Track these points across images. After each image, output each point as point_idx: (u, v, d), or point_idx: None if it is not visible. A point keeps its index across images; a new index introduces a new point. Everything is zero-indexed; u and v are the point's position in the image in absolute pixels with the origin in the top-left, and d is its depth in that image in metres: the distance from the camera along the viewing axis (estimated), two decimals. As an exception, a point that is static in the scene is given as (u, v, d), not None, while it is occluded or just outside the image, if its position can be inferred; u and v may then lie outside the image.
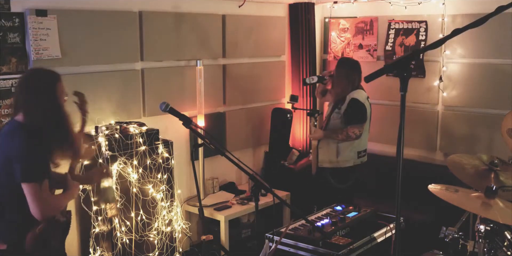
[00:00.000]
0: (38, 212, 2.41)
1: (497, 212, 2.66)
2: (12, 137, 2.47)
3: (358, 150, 4.19)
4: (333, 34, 5.45)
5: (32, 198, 2.40)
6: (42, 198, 2.42)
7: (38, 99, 2.51)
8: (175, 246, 4.05)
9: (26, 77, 2.61)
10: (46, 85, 2.54)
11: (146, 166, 3.76)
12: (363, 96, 4.15)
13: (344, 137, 4.09)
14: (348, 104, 4.10)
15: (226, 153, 2.59)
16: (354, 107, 4.09)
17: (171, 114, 2.62)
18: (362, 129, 4.10)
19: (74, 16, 3.64)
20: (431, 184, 3.01)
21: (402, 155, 1.75)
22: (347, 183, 4.24)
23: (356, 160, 4.21)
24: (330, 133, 4.19)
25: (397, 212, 1.84)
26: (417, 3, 4.73)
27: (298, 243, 3.02)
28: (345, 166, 4.19)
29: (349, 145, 4.15)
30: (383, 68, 1.72)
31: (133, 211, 3.70)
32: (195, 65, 4.37)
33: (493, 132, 4.41)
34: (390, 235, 3.26)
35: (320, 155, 4.27)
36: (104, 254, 3.62)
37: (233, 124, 4.85)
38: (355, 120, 4.08)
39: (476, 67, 4.55)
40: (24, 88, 2.55)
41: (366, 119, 4.15)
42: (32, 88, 2.53)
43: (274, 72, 5.23)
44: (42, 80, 2.56)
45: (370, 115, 4.23)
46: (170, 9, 4.27)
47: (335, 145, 4.18)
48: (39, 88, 2.53)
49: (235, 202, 4.55)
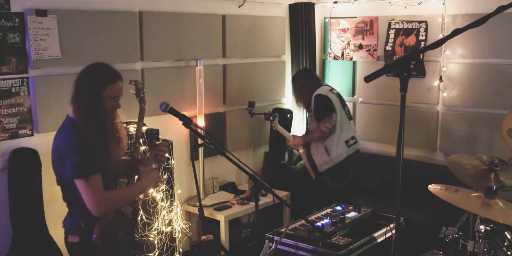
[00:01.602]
0: (91, 208, 2.42)
1: (497, 212, 2.66)
2: (62, 134, 2.50)
3: (344, 140, 4.25)
4: (333, 34, 5.45)
5: (83, 195, 2.41)
6: (94, 194, 2.41)
7: (82, 95, 2.48)
8: (175, 246, 4.05)
9: (84, 70, 2.54)
10: (95, 83, 2.48)
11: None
12: (325, 90, 4.28)
13: (320, 134, 4.18)
14: (314, 103, 4.24)
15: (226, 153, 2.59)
16: (318, 102, 4.22)
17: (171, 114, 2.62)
18: (332, 120, 4.16)
19: (74, 16, 3.64)
20: (431, 184, 3.01)
21: (402, 155, 1.75)
22: (343, 182, 4.27)
23: (348, 149, 4.25)
24: (307, 136, 4.33)
25: (397, 212, 1.84)
26: (417, 3, 4.73)
27: (298, 243, 3.02)
28: (341, 160, 4.23)
29: (333, 139, 4.22)
30: (383, 68, 1.72)
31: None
32: (195, 65, 4.37)
33: (493, 132, 4.40)
34: (390, 235, 3.26)
35: (316, 161, 4.31)
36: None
37: (233, 124, 4.85)
38: (323, 115, 4.20)
39: (476, 67, 4.55)
40: (76, 81, 2.52)
41: (335, 109, 4.20)
42: (81, 83, 2.50)
43: (274, 72, 5.23)
44: (94, 76, 2.50)
45: (341, 103, 4.30)
46: (170, 9, 4.27)
47: (322, 145, 4.25)
48: (88, 83, 2.48)
49: (235, 202, 4.55)
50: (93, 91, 2.48)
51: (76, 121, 2.49)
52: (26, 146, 3.48)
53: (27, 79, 3.47)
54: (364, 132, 5.28)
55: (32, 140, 3.52)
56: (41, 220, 3.50)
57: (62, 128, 2.53)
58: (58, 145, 2.50)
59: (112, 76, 2.52)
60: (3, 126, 3.38)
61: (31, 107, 3.50)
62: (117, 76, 2.53)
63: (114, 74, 2.53)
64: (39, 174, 3.49)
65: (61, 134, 2.51)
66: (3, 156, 3.40)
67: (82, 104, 2.49)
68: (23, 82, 3.45)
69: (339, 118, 4.20)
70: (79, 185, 2.41)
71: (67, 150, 2.42)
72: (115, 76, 2.52)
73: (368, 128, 5.27)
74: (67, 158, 2.41)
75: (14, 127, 3.44)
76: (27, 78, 3.47)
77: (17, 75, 3.42)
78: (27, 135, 3.50)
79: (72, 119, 2.51)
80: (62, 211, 3.69)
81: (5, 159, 3.40)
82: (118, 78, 2.53)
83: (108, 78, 2.50)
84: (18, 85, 3.43)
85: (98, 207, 2.43)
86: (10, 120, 3.41)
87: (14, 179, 3.41)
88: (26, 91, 3.47)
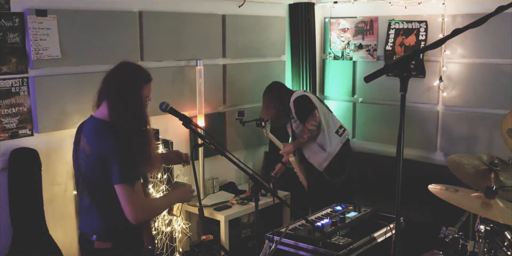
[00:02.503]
0: (131, 214, 2.31)
1: (497, 212, 2.66)
2: (101, 137, 2.34)
3: (334, 131, 4.30)
4: (333, 34, 5.45)
5: (124, 201, 2.30)
6: (136, 201, 2.31)
7: (125, 96, 2.36)
8: (175, 246, 4.05)
9: (118, 69, 2.45)
10: (138, 83, 2.40)
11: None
12: (299, 92, 4.31)
13: (309, 134, 4.18)
14: (294, 107, 4.24)
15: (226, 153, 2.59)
16: (297, 105, 4.23)
17: (171, 114, 2.62)
18: (316, 117, 4.17)
19: (74, 16, 3.64)
20: (431, 184, 3.01)
21: (402, 155, 1.75)
22: (341, 177, 4.27)
23: (341, 138, 4.30)
24: (297, 141, 4.30)
25: (397, 212, 1.84)
26: (417, 3, 4.73)
27: (298, 243, 3.03)
28: (338, 151, 4.26)
29: (324, 135, 4.25)
30: (383, 68, 1.72)
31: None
32: (195, 65, 4.37)
33: (493, 132, 4.40)
34: (390, 235, 3.26)
35: (314, 162, 4.32)
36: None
37: (233, 124, 4.84)
38: (305, 115, 4.20)
39: (476, 67, 4.55)
40: (111, 81, 2.42)
41: (315, 106, 4.22)
42: (122, 83, 2.40)
43: (274, 72, 5.23)
44: (135, 76, 2.42)
45: (319, 100, 4.37)
46: (170, 9, 4.26)
47: (315, 144, 4.27)
48: (132, 84, 2.39)
49: (235, 202, 4.54)
50: (137, 92, 2.39)
51: (115, 123, 2.34)
52: (26, 146, 3.48)
53: (27, 79, 3.47)
54: (364, 132, 5.28)
55: (32, 140, 3.52)
56: (41, 220, 3.50)
57: (99, 131, 2.37)
58: (100, 148, 2.32)
59: (148, 75, 2.45)
60: (3, 126, 3.38)
61: (31, 107, 3.50)
62: (150, 75, 2.47)
63: (148, 73, 2.47)
64: (39, 174, 3.49)
65: (100, 137, 2.34)
66: (3, 156, 3.40)
67: (126, 105, 2.35)
68: (23, 82, 3.45)
69: (321, 113, 4.24)
70: (122, 190, 2.29)
71: (113, 154, 2.28)
72: (149, 75, 2.46)
73: (368, 128, 5.27)
74: (113, 162, 2.27)
75: (14, 127, 3.44)
76: (27, 78, 3.47)
77: (17, 75, 3.42)
78: (27, 135, 3.50)
79: (107, 122, 2.37)
80: (62, 211, 3.71)
81: (5, 159, 3.40)
82: (151, 77, 2.46)
83: (146, 78, 2.44)
84: (18, 85, 3.43)
85: (138, 214, 2.33)
86: (10, 120, 3.41)
87: (14, 179, 3.40)
88: (26, 91, 3.47)
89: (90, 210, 2.44)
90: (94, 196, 2.42)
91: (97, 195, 2.41)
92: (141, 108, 2.40)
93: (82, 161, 2.42)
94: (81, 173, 2.44)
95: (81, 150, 2.42)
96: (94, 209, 2.42)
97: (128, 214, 2.31)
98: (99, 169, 2.33)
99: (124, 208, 2.31)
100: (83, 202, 2.48)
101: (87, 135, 2.40)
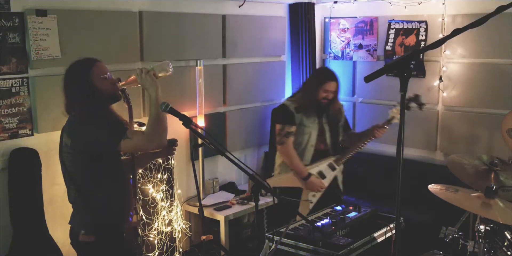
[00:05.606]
0: (150, 147, 2.55)
1: (497, 212, 2.66)
2: (75, 125, 2.53)
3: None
4: (333, 34, 5.45)
5: (136, 146, 2.51)
6: (140, 139, 2.48)
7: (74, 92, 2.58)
8: (175, 246, 4.05)
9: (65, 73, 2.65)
10: (79, 76, 2.57)
11: (146, 166, 3.75)
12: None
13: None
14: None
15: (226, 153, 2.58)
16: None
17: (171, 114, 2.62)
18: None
19: (74, 16, 3.64)
20: (431, 184, 3.01)
21: (402, 155, 1.75)
22: None
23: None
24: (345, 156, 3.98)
25: (397, 212, 1.84)
26: (417, 3, 4.73)
27: (298, 243, 3.03)
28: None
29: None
30: (383, 68, 1.72)
31: (133, 211, 3.69)
32: (195, 65, 4.37)
33: (493, 132, 4.40)
34: (390, 235, 3.26)
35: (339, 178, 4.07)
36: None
37: (233, 124, 4.85)
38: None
39: (476, 67, 4.55)
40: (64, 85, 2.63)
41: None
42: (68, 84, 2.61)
43: (274, 72, 5.23)
44: (74, 72, 2.60)
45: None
46: (170, 9, 4.27)
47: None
48: (74, 81, 2.59)
49: (235, 202, 4.55)
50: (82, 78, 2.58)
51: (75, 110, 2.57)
52: (26, 146, 3.48)
53: (27, 79, 3.47)
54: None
55: (32, 140, 3.52)
56: (41, 220, 3.50)
57: (70, 122, 2.57)
58: (81, 136, 2.50)
59: (92, 60, 2.62)
60: (3, 126, 3.38)
61: (31, 107, 3.50)
62: (93, 59, 2.63)
63: (92, 58, 2.64)
64: (39, 174, 3.49)
65: (74, 126, 2.54)
66: (3, 156, 3.40)
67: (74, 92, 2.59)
68: (23, 82, 3.45)
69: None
70: (125, 145, 2.45)
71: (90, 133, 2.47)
72: (93, 59, 2.62)
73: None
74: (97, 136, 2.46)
75: (14, 127, 3.44)
76: (27, 78, 3.47)
77: (17, 75, 3.42)
78: (27, 135, 3.50)
79: (74, 114, 2.58)
80: (62, 211, 3.70)
81: (5, 159, 3.40)
82: (96, 60, 2.63)
83: (90, 62, 2.60)
84: (18, 85, 3.43)
85: (153, 142, 2.51)
86: (10, 120, 3.41)
87: (14, 179, 3.41)
88: (26, 91, 3.47)
89: (76, 204, 2.60)
90: (79, 191, 2.56)
91: (82, 190, 2.55)
92: (94, 89, 2.55)
93: (65, 154, 2.55)
94: (66, 168, 2.58)
95: (63, 145, 2.57)
96: (80, 203, 2.57)
97: (151, 149, 2.61)
98: (81, 163, 2.50)
99: (143, 148, 2.60)
100: (70, 197, 2.63)
101: (66, 129, 2.58)
